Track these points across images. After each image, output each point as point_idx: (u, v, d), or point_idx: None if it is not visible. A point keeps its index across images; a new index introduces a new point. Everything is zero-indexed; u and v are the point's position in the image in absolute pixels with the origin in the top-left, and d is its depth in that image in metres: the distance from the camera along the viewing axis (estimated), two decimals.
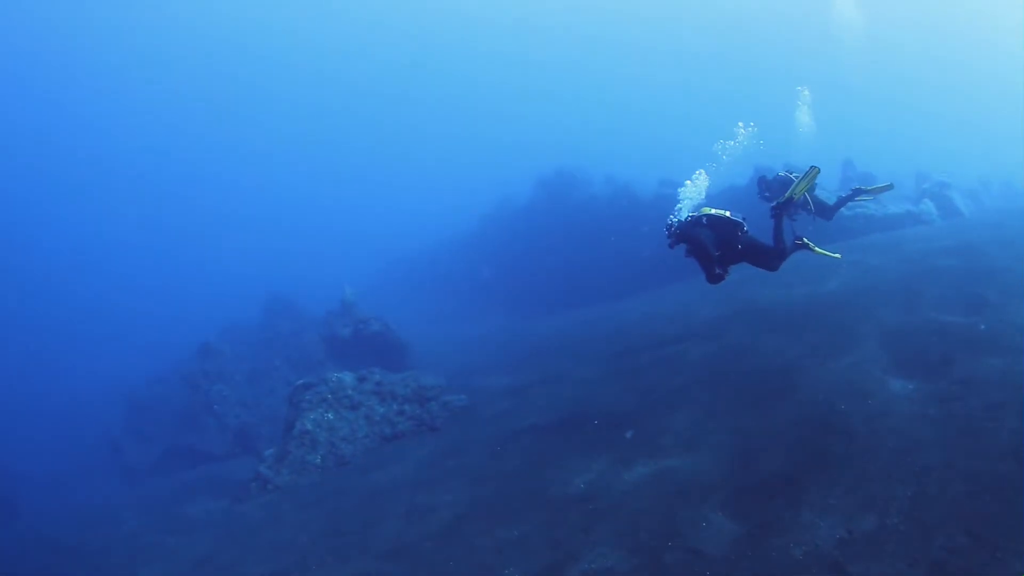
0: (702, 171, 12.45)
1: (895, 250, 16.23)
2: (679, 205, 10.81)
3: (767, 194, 13.69)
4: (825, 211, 13.31)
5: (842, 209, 14.06)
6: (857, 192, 13.90)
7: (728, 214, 8.52)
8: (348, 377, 14.19)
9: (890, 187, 12.45)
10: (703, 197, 12.52)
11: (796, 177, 13.02)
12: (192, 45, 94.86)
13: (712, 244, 8.19)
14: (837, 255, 8.81)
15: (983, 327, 9.10)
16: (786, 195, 8.94)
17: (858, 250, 17.04)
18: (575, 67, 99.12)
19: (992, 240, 15.06)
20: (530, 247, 31.42)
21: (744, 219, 8.64)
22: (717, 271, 8.04)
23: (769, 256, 8.54)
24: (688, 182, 12.60)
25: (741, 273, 11.17)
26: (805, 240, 8.86)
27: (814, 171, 8.97)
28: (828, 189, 22.81)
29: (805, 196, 12.87)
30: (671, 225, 8.52)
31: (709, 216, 8.46)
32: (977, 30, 73.08)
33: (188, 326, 34.13)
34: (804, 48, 75.52)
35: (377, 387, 14.09)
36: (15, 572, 11.69)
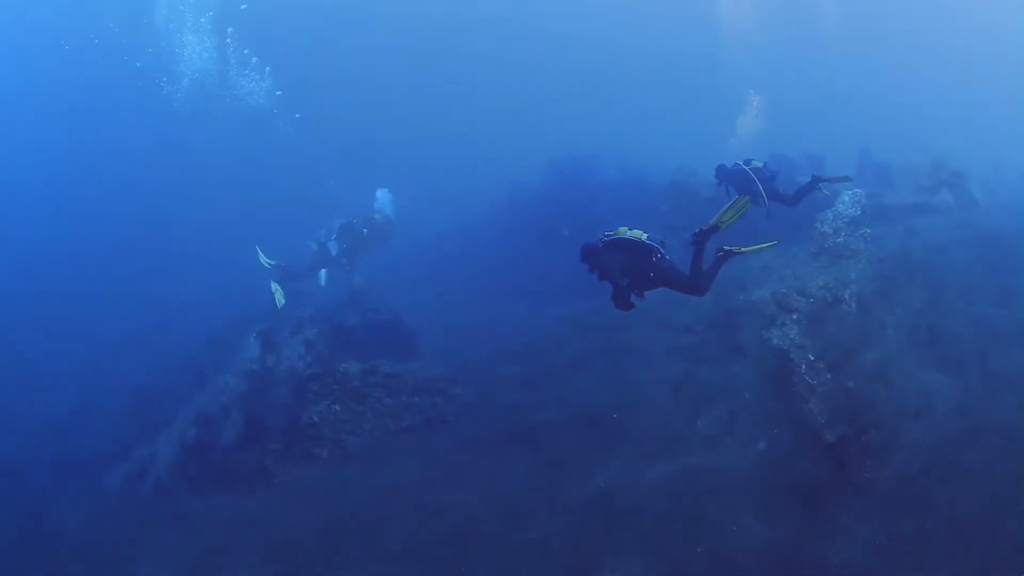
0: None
1: (914, 239, 15.81)
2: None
3: (724, 185, 13.32)
4: (788, 201, 12.97)
5: (855, 194, 13.73)
6: (816, 180, 13.56)
7: (644, 237, 7.94)
8: (355, 368, 13.87)
9: (848, 179, 12.16)
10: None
11: (752, 168, 12.67)
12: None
13: (621, 270, 7.68)
14: (772, 242, 8.37)
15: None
16: (710, 223, 8.43)
17: (875, 239, 16.66)
18: (583, 52, 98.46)
19: (1014, 230, 14.66)
20: (542, 231, 31.02)
21: (663, 243, 8.09)
22: (629, 299, 7.41)
23: (685, 284, 8.08)
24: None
25: (757, 258, 10.81)
26: (729, 248, 8.37)
27: (743, 201, 8.46)
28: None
29: (759, 190, 12.45)
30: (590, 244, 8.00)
31: (622, 239, 7.90)
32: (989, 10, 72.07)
33: (196, 313, 33.84)
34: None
35: (385, 378, 13.78)
36: (13, 568, 11.46)
